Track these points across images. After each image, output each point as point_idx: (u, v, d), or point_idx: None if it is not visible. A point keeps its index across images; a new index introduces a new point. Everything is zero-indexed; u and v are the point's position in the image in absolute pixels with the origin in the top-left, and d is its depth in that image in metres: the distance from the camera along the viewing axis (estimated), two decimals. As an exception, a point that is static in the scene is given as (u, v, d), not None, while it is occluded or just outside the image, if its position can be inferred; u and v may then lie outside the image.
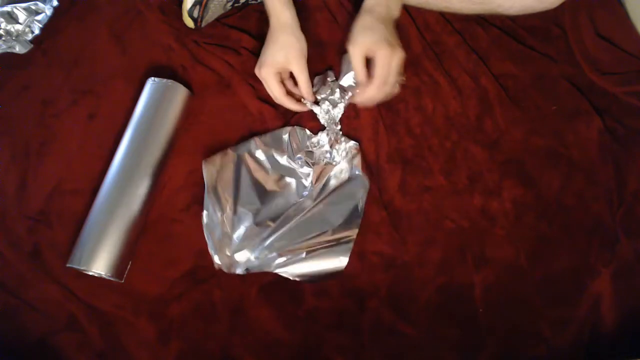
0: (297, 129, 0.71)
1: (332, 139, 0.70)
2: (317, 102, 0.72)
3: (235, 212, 0.66)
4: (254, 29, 0.80)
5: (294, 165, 0.69)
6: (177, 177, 0.70)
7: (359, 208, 0.66)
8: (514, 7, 0.75)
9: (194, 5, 0.74)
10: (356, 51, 0.65)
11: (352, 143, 0.70)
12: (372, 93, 0.66)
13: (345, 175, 0.68)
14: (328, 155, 0.69)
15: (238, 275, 0.64)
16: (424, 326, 0.62)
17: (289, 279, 0.64)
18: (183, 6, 0.75)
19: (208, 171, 0.67)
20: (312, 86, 0.71)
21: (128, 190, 0.64)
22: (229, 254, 0.64)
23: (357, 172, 0.68)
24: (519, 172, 0.70)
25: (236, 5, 0.80)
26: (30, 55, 0.79)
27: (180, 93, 0.70)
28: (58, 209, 0.68)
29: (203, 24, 0.77)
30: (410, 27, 0.78)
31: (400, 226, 0.66)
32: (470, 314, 0.62)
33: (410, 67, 0.75)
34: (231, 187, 0.67)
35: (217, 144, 0.72)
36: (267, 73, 0.68)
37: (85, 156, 0.71)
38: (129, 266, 0.63)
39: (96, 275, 0.61)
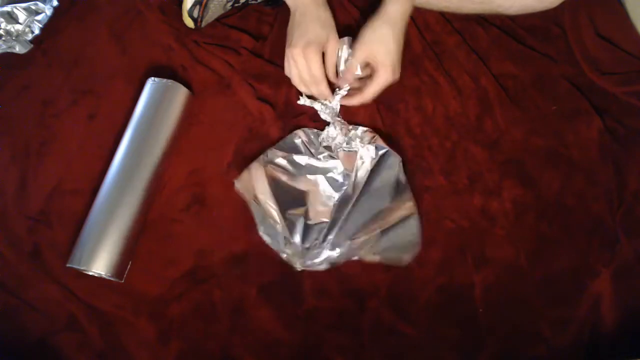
0: (306, 130, 0.71)
1: (341, 129, 0.69)
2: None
3: (285, 217, 0.65)
4: (254, 29, 0.80)
5: (317, 163, 0.69)
6: (177, 177, 0.70)
7: (402, 181, 0.66)
8: (513, 6, 0.75)
9: (194, 5, 0.74)
10: (359, 55, 0.66)
11: (362, 128, 0.69)
12: (356, 101, 0.69)
13: (372, 155, 0.67)
14: (345, 145, 0.69)
15: (238, 275, 0.64)
16: (424, 326, 0.62)
17: (289, 279, 0.64)
18: (183, 6, 0.75)
19: (244, 187, 0.67)
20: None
21: (128, 191, 0.64)
22: (302, 259, 0.63)
23: (383, 150, 0.67)
24: (519, 172, 0.70)
25: (236, 5, 0.80)
26: (30, 55, 0.79)
27: (180, 93, 0.70)
28: (58, 209, 0.68)
29: (203, 24, 0.77)
30: (410, 27, 0.78)
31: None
32: (470, 314, 0.62)
33: (410, 67, 0.75)
34: (271, 196, 0.65)
35: (217, 144, 0.72)
36: (314, 52, 0.65)
37: (85, 156, 0.71)
38: (129, 266, 0.63)
39: (96, 275, 0.61)
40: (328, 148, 0.70)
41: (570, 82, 0.75)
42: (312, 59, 0.66)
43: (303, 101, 0.70)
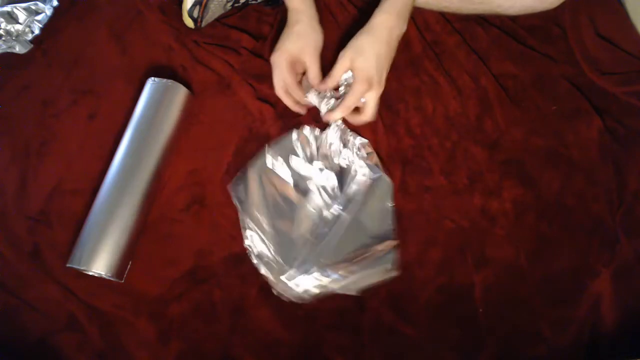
0: (305, 130, 0.70)
1: (340, 134, 0.69)
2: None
3: (272, 228, 0.65)
4: (254, 29, 0.80)
5: (312, 172, 0.68)
6: (177, 177, 0.70)
7: (388, 207, 0.66)
8: (513, 7, 0.75)
9: (194, 5, 0.74)
10: (340, 63, 0.67)
11: (360, 139, 0.69)
12: (336, 115, 0.68)
13: (365, 177, 0.67)
14: (340, 156, 0.69)
15: (238, 275, 0.64)
16: (424, 326, 0.62)
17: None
18: (183, 6, 0.75)
19: (236, 192, 0.67)
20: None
21: (128, 190, 0.64)
22: (283, 279, 0.63)
23: (378, 173, 0.67)
24: (519, 172, 0.69)
25: (236, 5, 0.80)
26: (30, 55, 0.79)
27: (180, 93, 0.70)
28: (58, 209, 0.68)
29: (203, 24, 0.77)
30: (410, 27, 0.78)
31: (401, 226, 0.66)
32: (470, 314, 0.62)
33: (410, 67, 0.75)
34: (262, 204, 0.66)
35: (217, 144, 0.72)
36: (279, 59, 0.68)
37: (85, 156, 0.71)
38: (129, 266, 0.63)
39: (96, 275, 0.61)
40: (324, 157, 0.69)
41: (570, 82, 0.75)
42: (277, 66, 0.68)
43: (310, 98, 0.71)
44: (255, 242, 0.64)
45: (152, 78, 0.70)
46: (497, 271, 0.64)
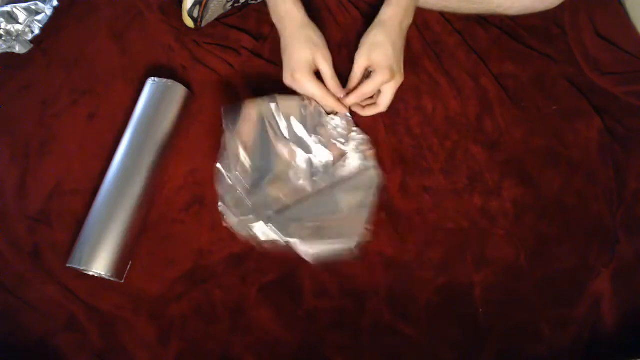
0: (314, 105, 0.68)
1: (346, 125, 0.69)
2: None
3: (251, 168, 0.64)
4: (254, 29, 0.80)
5: (308, 140, 0.67)
6: (177, 177, 0.70)
7: (370, 201, 0.65)
8: (513, 7, 0.75)
9: (194, 5, 0.74)
10: (359, 63, 0.66)
11: (362, 137, 0.69)
12: (349, 101, 0.68)
13: (356, 165, 0.67)
14: (342, 140, 0.68)
15: (238, 275, 0.64)
16: (424, 326, 0.62)
17: (289, 279, 0.64)
18: (183, 6, 0.75)
19: (228, 117, 0.65)
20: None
21: (128, 190, 0.64)
22: (242, 217, 0.62)
23: (372, 165, 0.67)
24: (519, 172, 0.70)
25: (236, 5, 0.80)
26: (30, 55, 0.79)
27: (180, 93, 0.70)
28: (58, 209, 0.68)
29: (203, 24, 0.77)
30: (411, 27, 0.78)
31: (400, 226, 0.66)
32: (470, 314, 0.62)
33: (410, 67, 0.75)
34: (251, 141, 0.64)
35: (217, 144, 0.71)
36: (302, 75, 0.65)
37: (85, 156, 0.71)
38: (129, 266, 0.63)
39: (96, 275, 0.61)
40: (325, 131, 0.68)
41: (570, 82, 0.75)
42: (303, 85, 0.66)
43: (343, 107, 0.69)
44: (226, 172, 0.63)
45: (152, 78, 0.70)
46: (497, 271, 0.64)
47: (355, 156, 0.67)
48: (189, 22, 0.76)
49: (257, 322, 0.62)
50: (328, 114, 0.69)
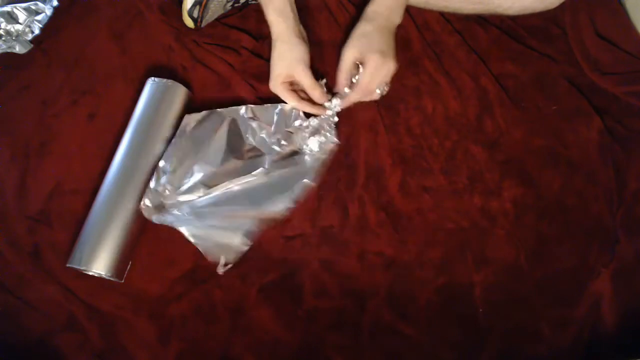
0: (291, 108, 0.70)
1: (321, 126, 0.69)
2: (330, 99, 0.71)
3: (191, 166, 0.66)
4: (254, 29, 0.80)
5: (268, 141, 0.69)
6: (177, 177, 0.69)
7: (294, 194, 0.66)
8: (513, 7, 0.75)
9: (194, 5, 0.74)
10: (347, 55, 0.67)
11: (334, 140, 0.69)
12: (353, 98, 0.69)
13: (302, 165, 0.68)
14: (304, 143, 0.69)
15: (238, 275, 0.64)
16: (424, 326, 0.62)
17: (289, 279, 0.64)
18: (183, 6, 0.75)
19: (187, 120, 0.68)
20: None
21: (128, 191, 0.64)
22: (161, 203, 0.64)
23: (311, 166, 0.68)
24: (519, 172, 0.70)
25: (236, 5, 0.80)
26: (30, 55, 0.79)
27: (180, 93, 0.70)
28: (58, 209, 0.68)
29: (203, 24, 0.77)
30: (410, 27, 0.78)
31: (400, 226, 0.66)
32: (470, 314, 0.62)
33: (410, 67, 0.75)
34: (199, 142, 0.67)
35: (217, 144, 0.72)
36: (275, 86, 0.69)
37: (85, 156, 0.71)
38: (129, 266, 0.63)
39: (96, 275, 0.61)
40: (288, 135, 0.69)
41: (570, 82, 0.75)
42: (278, 93, 0.70)
43: (321, 109, 0.71)
44: (168, 165, 0.65)
45: (152, 78, 0.70)
46: (497, 271, 0.64)
47: (308, 159, 0.69)
48: (189, 22, 0.76)
49: (257, 322, 0.62)
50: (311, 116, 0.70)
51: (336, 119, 0.70)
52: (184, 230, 0.63)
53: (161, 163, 0.65)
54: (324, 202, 0.68)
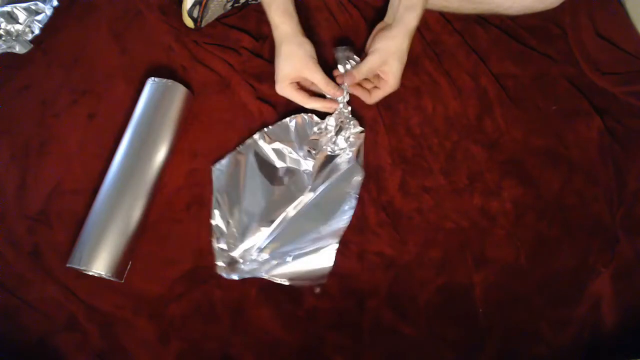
0: (304, 115, 0.71)
1: (340, 122, 0.69)
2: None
3: (241, 214, 0.66)
4: (254, 29, 0.80)
5: (298, 157, 0.69)
6: (177, 177, 0.70)
7: (353, 197, 0.66)
8: (513, 7, 0.75)
9: (193, 5, 0.74)
10: (377, 63, 0.66)
11: (358, 129, 0.69)
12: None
13: (344, 166, 0.68)
14: (331, 144, 0.69)
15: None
16: (424, 326, 0.62)
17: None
18: (183, 6, 0.75)
19: (217, 175, 0.68)
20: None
21: (128, 190, 0.64)
22: (232, 258, 0.64)
23: (353, 163, 0.68)
24: (519, 172, 0.70)
25: (236, 5, 0.80)
26: (30, 55, 0.79)
27: (180, 93, 0.70)
28: (58, 209, 0.68)
29: (203, 24, 0.77)
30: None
31: (400, 226, 0.66)
32: (470, 314, 0.62)
33: (410, 67, 0.75)
34: (238, 188, 0.67)
35: (217, 144, 0.72)
36: (282, 88, 0.68)
37: (85, 156, 0.71)
38: (129, 266, 0.63)
39: (96, 275, 0.61)
40: (314, 142, 0.69)
41: (570, 82, 0.75)
42: (287, 95, 0.68)
43: (334, 103, 0.70)
44: (220, 222, 0.66)
45: (152, 78, 0.70)
46: (497, 271, 0.64)
47: (344, 157, 0.69)
48: (189, 22, 0.76)
49: (257, 322, 0.62)
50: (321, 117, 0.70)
51: (349, 108, 0.70)
52: (267, 276, 0.63)
53: (213, 222, 0.65)
54: (324, 202, 0.68)
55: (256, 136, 0.70)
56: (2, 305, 0.63)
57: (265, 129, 0.71)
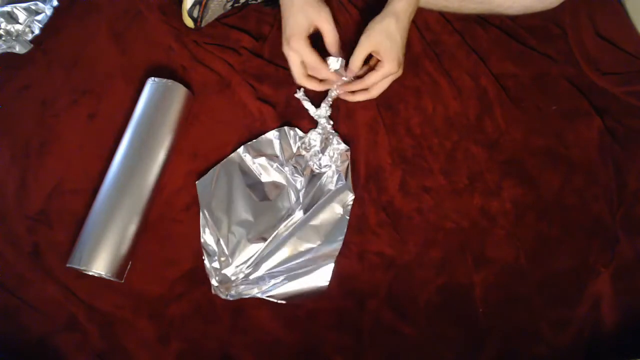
0: (287, 129, 0.71)
1: (324, 138, 0.69)
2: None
3: (230, 230, 0.65)
4: (254, 29, 0.80)
5: (285, 172, 0.69)
6: (177, 177, 0.70)
7: (345, 219, 0.66)
8: (513, 7, 0.75)
9: (193, 5, 0.74)
10: (368, 47, 0.65)
11: (343, 147, 0.69)
12: (357, 97, 0.69)
13: (332, 186, 0.68)
14: (317, 160, 0.69)
15: (238, 275, 0.64)
16: (424, 326, 0.62)
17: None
18: (183, 6, 0.75)
19: (202, 190, 0.67)
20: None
21: (128, 190, 0.64)
22: (225, 276, 0.63)
23: (342, 182, 0.67)
24: (519, 172, 0.70)
25: (236, 5, 0.80)
26: (30, 55, 0.79)
27: (180, 93, 0.70)
28: (58, 209, 0.68)
29: (203, 24, 0.77)
30: (410, 27, 0.77)
31: (400, 226, 0.66)
32: (470, 314, 0.62)
33: (410, 67, 0.75)
34: (225, 204, 0.67)
35: (217, 144, 0.72)
36: (295, 42, 0.64)
37: (85, 156, 0.71)
38: (129, 266, 0.63)
39: (96, 275, 0.61)
40: (300, 158, 0.69)
41: (570, 82, 0.75)
42: (302, 51, 0.65)
43: (300, 94, 0.71)
44: (209, 240, 0.65)
45: (152, 78, 0.70)
46: (497, 271, 0.64)
47: (332, 174, 0.68)
48: (189, 22, 0.76)
49: (257, 322, 0.62)
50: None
51: (332, 122, 0.70)
52: (263, 296, 0.62)
53: (202, 240, 0.65)
54: (324, 202, 0.68)
55: (240, 150, 0.70)
56: (2, 305, 0.63)
57: (249, 143, 0.70)
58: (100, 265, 0.60)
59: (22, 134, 0.73)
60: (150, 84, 0.70)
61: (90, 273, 0.61)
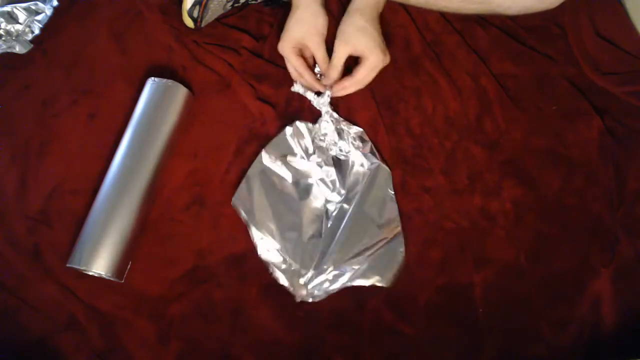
0: (298, 124, 0.70)
1: (334, 124, 0.69)
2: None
3: (282, 237, 0.65)
4: (254, 29, 0.80)
5: (311, 168, 0.69)
6: (177, 177, 0.70)
7: (391, 195, 0.67)
8: (513, 7, 0.75)
9: (193, 5, 0.74)
10: (342, 50, 0.68)
11: (355, 129, 0.70)
12: (349, 90, 0.71)
13: (363, 167, 0.68)
14: (337, 147, 0.69)
15: (238, 275, 0.64)
16: (424, 326, 0.62)
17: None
18: (183, 6, 0.75)
19: (241, 206, 0.66)
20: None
21: (128, 191, 0.64)
22: (301, 283, 0.63)
23: (375, 162, 0.68)
24: (519, 172, 0.69)
25: (236, 5, 0.80)
26: (30, 55, 0.79)
27: (180, 93, 0.70)
28: (58, 209, 0.68)
29: (203, 24, 0.77)
30: (410, 27, 0.78)
31: (400, 226, 0.66)
32: (470, 314, 0.62)
33: (410, 67, 0.75)
34: (269, 213, 0.66)
35: (217, 144, 0.72)
36: (284, 47, 0.69)
37: (85, 156, 0.71)
38: (129, 266, 0.63)
39: (96, 275, 0.61)
40: (321, 150, 0.69)
41: (570, 82, 0.75)
42: (285, 55, 0.70)
43: (296, 88, 0.71)
44: (271, 252, 0.65)
45: (152, 78, 0.70)
46: (497, 271, 0.64)
47: (358, 156, 0.69)
48: (189, 22, 0.76)
49: (257, 322, 0.62)
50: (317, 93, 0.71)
51: (333, 112, 0.71)
52: (347, 284, 0.62)
53: (263, 257, 0.64)
54: (324, 202, 0.68)
55: (262, 155, 0.69)
56: (2, 305, 0.63)
57: (266, 147, 0.69)
58: (100, 265, 0.60)
59: (22, 134, 0.73)
60: (150, 84, 0.70)
61: (90, 273, 0.61)
